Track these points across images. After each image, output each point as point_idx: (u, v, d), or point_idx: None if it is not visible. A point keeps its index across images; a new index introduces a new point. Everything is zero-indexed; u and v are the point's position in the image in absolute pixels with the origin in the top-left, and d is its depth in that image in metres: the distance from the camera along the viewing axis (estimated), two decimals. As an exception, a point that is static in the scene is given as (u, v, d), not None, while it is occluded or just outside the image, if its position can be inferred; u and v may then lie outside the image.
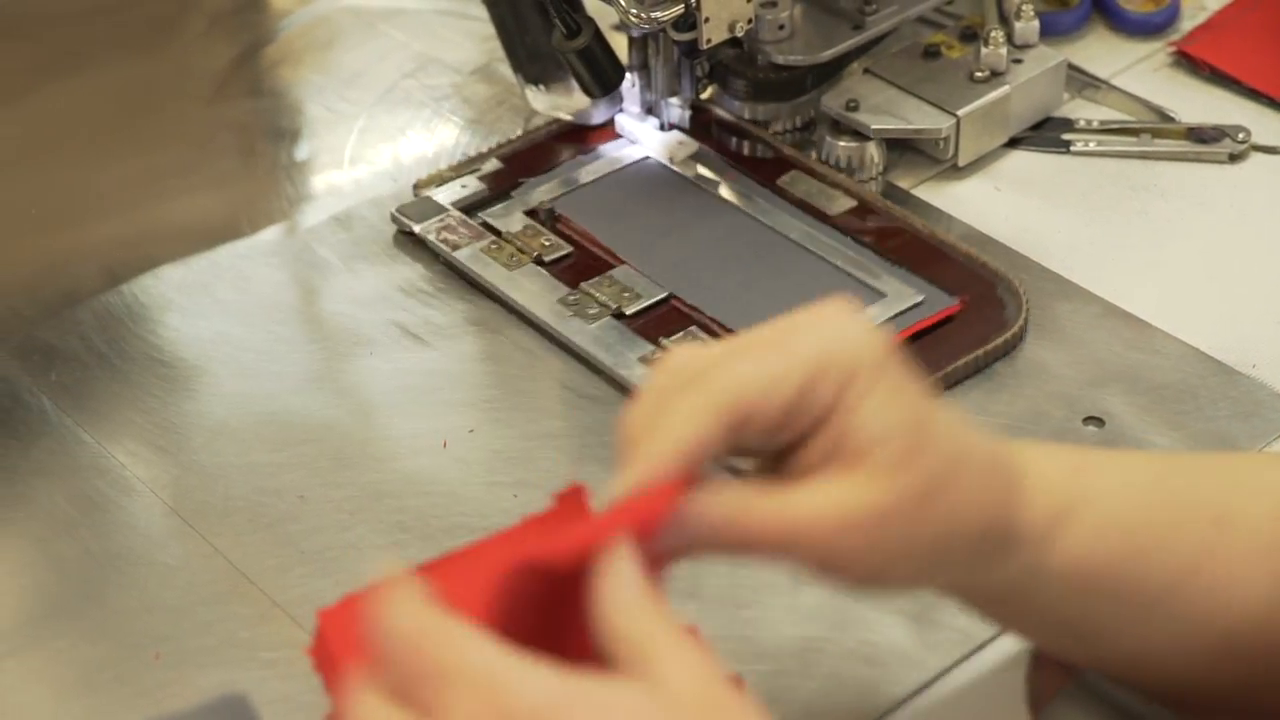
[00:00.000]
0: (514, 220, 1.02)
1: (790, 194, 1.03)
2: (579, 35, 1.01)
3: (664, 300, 0.97)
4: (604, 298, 0.97)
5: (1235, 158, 1.06)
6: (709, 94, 1.08)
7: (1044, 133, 1.07)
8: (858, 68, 1.07)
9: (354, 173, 1.09)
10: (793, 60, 1.04)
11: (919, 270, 0.97)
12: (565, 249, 1.00)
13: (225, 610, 0.83)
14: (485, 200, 1.04)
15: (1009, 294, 0.96)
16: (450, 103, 1.13)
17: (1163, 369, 0.93)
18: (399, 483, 0.89)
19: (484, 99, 1.13)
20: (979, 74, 1.05)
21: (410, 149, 1.10)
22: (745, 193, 1.04)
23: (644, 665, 0.57)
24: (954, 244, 0.99)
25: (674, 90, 1.06)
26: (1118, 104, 1.10)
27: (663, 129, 1.07)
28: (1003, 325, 0.94)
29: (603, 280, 0.98)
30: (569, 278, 0.99)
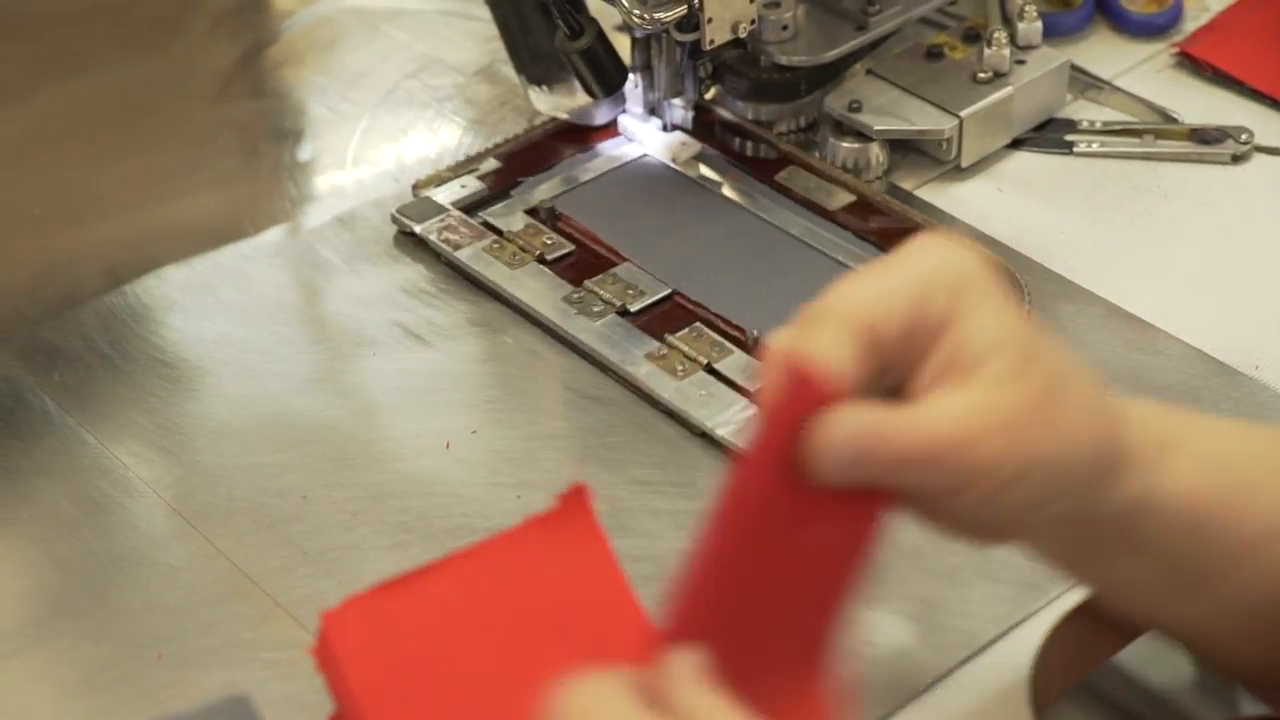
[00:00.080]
0: (515, 219, 1.02)
1: (790, 190, 1.03)
2: (582, 36, 1.01)
3: (668, 297, 0.97)
4: (608, 295, 0.97)
5: (1238, 159, 1.06)
6: (712, 95, 1.08)
7: (1047, 134, 1.07)
8: (861, 68, 1.07)
9: (356, 173, 1.09)
10: (796, 61, 1.04)
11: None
12: (567, 247, 1.00)
13: (228, 611, 0.83)
14: (485, 200, 1.04)
15: (1011, 294, 0.96)
16: (453, 103, 1.13)
17: (1165, 370, 0.93)
18: (402, 483, 0.89)
19: (487, 100, 1.13)
20: (982, 75, 1.05)
21: (413, 150, 1.10)
22: (746, 190, 1.04)
23: None
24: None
25: (677, 91, 1.06)
26: (1120, 105, 1.10)
27: (665, 130, 1.07)
28: (1005, 326, 0.94)
29: (606, 278, 0.98)
30: (572, 276, 0.99)
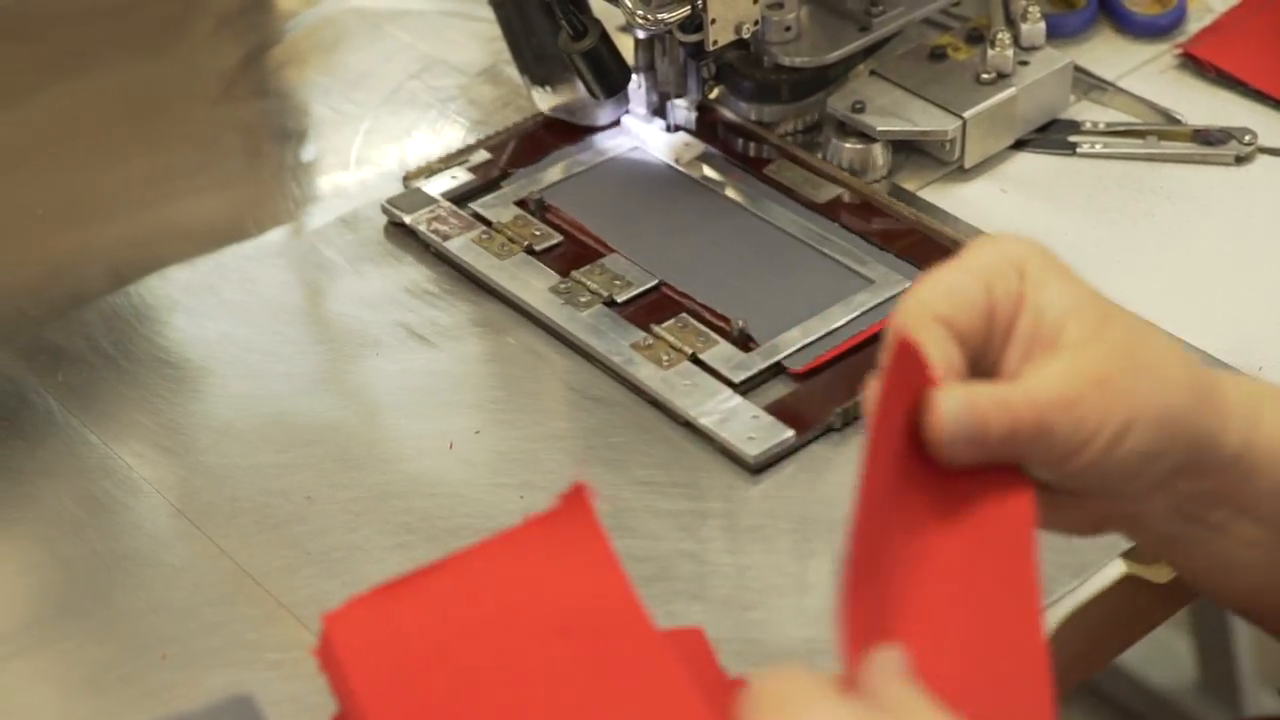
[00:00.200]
0: (504, 210, 1.03)
1: (778, 182, 1.03)
2: (585, 36, 1.01)
3: (654, 288, 0.98)
4: (595, 285, 0.97)
5: (1241, 160, 1.06)
6: (715, 95, 1.08)
7: (1050, 135, 1.07)
8: (864, 69, 1.07)
9: (359, 174, 1.09)
10: (799, 62, 1.04)
11: (923, 266, 0.97)
12: (555, 238, 1.01)
13: (231, 611, 0.83)
14: (475, 191, 1.05)
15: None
16: (456, 104, 1.13)
17: (1169, 371, 0.93)
18: (405, 484, 0.89)
19: (490, 100, 1.13)
20: (985, 76, 1.05)
21: (416, 150, 1.10)
22: (747, 190, 1.04)
23: None
24: (960, 241, 0.98)
25: (680, 92, 1.06)
26: (1124, 106, 1.10)
27: (669, 130, 1.07)
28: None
29: (593, 268, 0.99)
30: (560, 266, 0.99)
